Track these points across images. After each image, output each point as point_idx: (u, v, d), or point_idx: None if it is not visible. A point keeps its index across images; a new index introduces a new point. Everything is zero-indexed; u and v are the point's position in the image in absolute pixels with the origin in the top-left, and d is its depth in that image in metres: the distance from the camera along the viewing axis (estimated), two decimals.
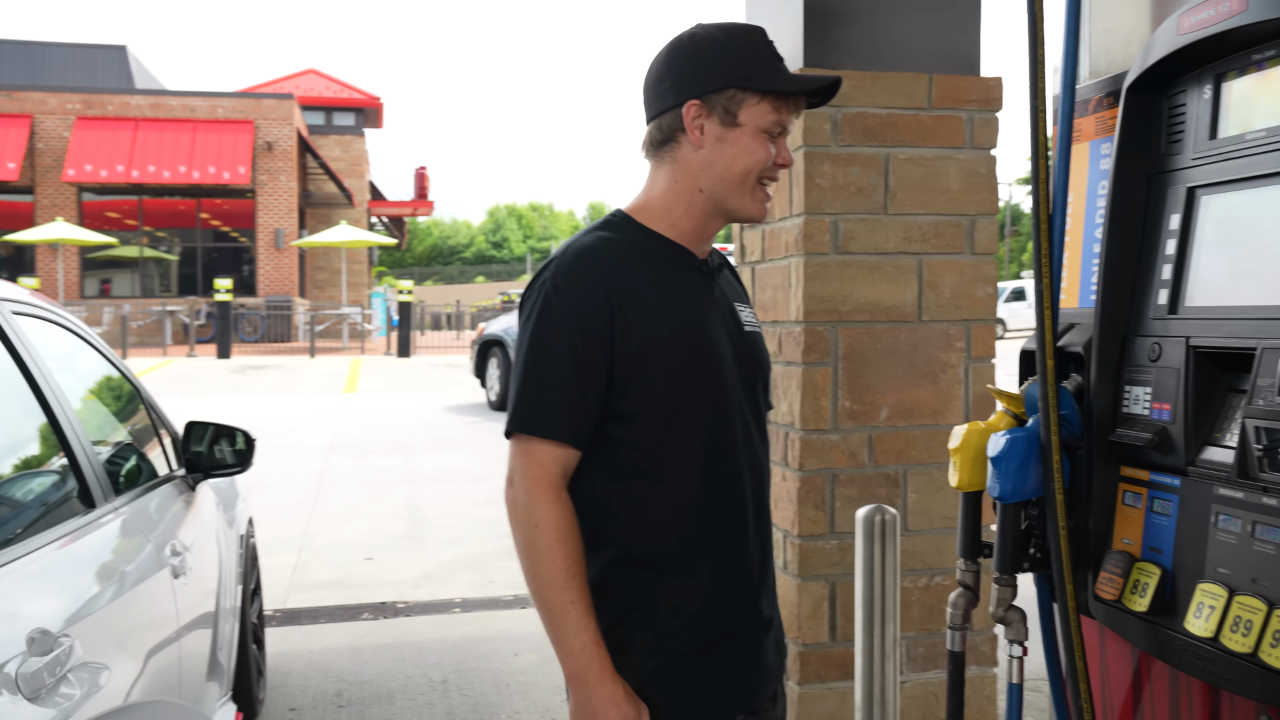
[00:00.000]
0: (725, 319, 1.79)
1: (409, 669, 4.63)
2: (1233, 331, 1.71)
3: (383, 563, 6.58)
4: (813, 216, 3.56)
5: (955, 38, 3.73)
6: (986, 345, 3.73)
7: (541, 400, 1.66)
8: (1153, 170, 1.93)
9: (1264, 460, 1.62)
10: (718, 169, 1.73)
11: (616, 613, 1.70)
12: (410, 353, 23.09)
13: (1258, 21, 1.65)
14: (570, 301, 1.67)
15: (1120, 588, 1.85)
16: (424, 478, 9.33)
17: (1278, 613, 1.55)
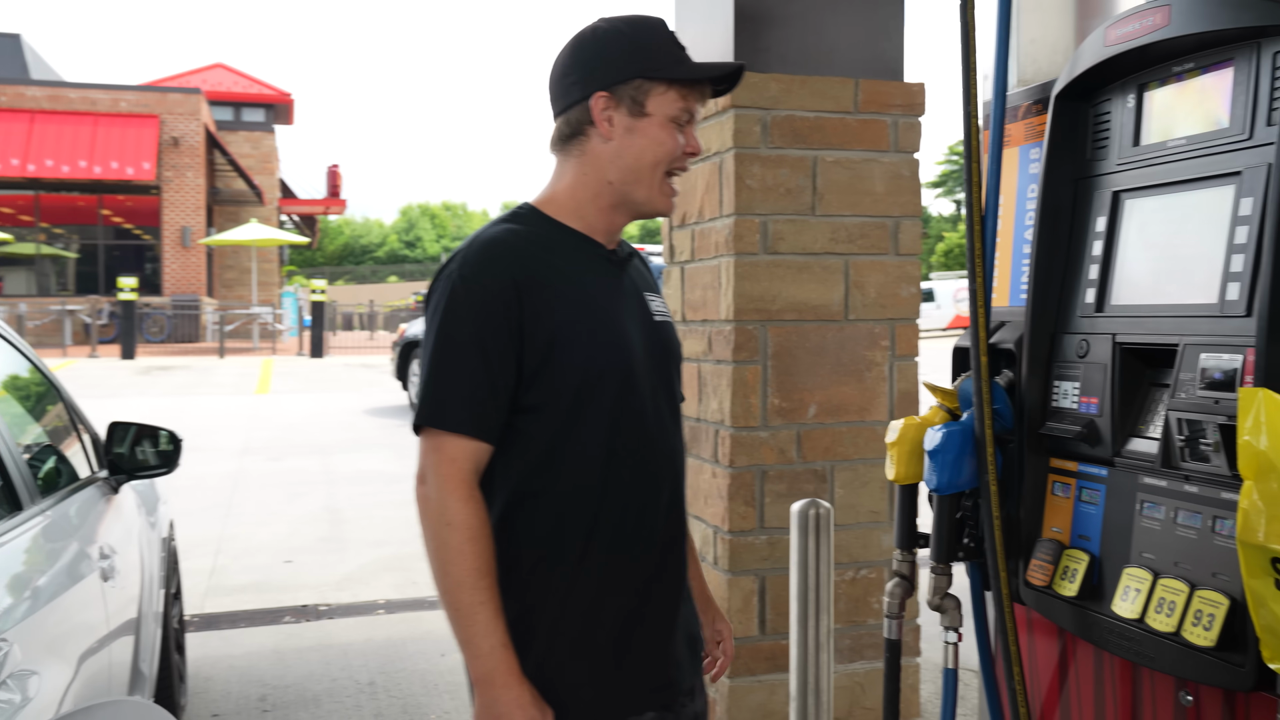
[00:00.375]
0: (635, 309, 1.79)
1: (334, 671, 4.58)
2: (1156, 329, 1.80)
3: (303, 565, 6.48)
4: (743, 217, 3.62)
5: (880, 44, 3.83)
6: (910, 344, 3.83)
7: (450, 394, 1.65)
8: (1080, 175, 2.02)
9: (1185, 450, 1.70)
10: (627, 160, 1.73)
11: (520, 608, 1.67)
12: (324, 353, 22.71)
13: (1178, 36, 1.74)
14: (477, 293, 1.66)
15: (1050, 574, 1.93)
16: (342, 479, 9.21)
17: (1199, 594, 1.63)
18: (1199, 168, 1.76)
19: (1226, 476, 1.63)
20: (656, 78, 1.72)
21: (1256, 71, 1.67)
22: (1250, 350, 1.60)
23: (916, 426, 2.13)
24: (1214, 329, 1.68)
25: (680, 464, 1.84)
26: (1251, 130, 1.67)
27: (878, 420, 3.78)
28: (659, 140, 1.73)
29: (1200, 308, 1.72)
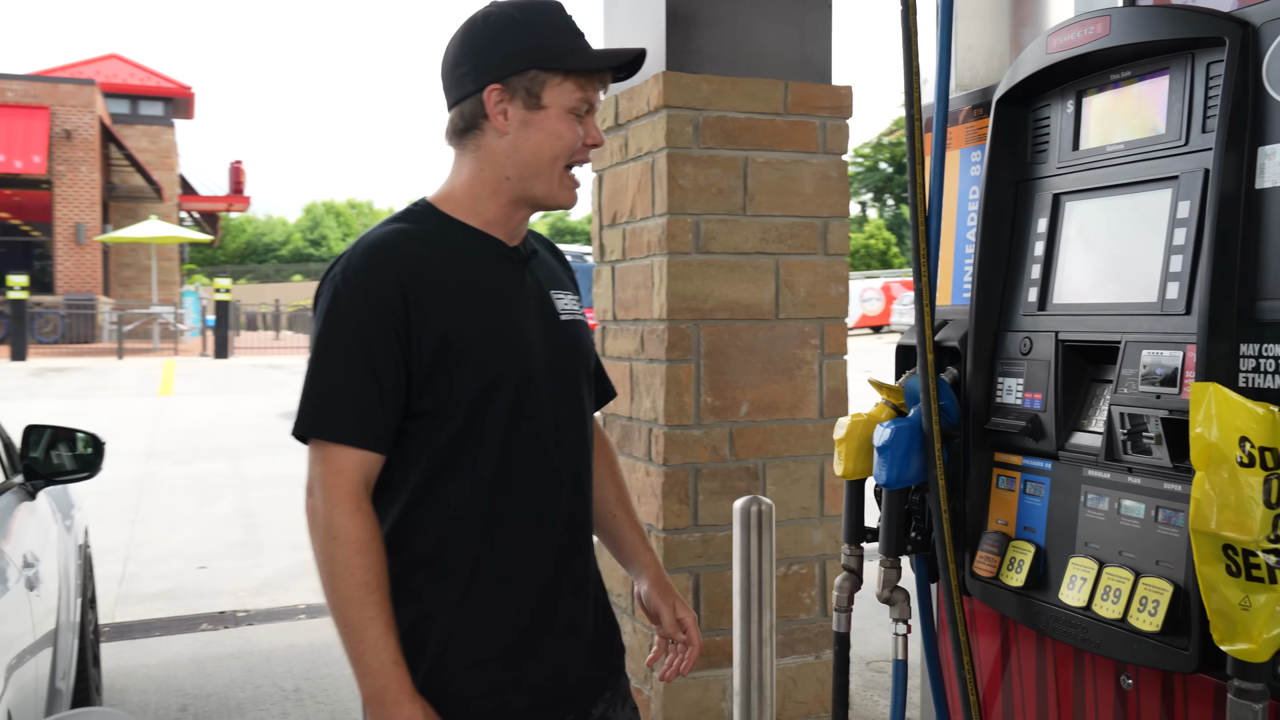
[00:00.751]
0: (537, 309, 1.73)
1: (257, 679, 4.48)
2: (1098, 327, 1.87)
3: (218, 571, 6.32)
4: (675, 217, 3.65)
5: (808, 47, 3.89)
6: (839, 342, 3.90)
7: (335, 402, 1.58)
8: (1020, 178, 2.08)
9: (1128, 443, 1.77)
10: (524, 154, 1.66)
11: (413, 619, 1.62)
12: (229, 354, 22.16)
13: (1118, 45, 1.81)
14: (360, 296, 1.59)
15: (997, 565, 1.98)
16: (255, 482, 9.01)
17: (1143, 581, 1.70)
18: (1137, 172, 1.83)
19: (1168, 468, 1.70)
20: (552, 68, 1.64)
21: (1191, 81, 1.74)
22: (1190, 347, 1.67)
23: (864, 423, 2.18)
24: (1154, 327, 1.75)
25: (584, 468, 1.77)
26: (1187, 137, 1.74)
27: (808, 418, 3.84)
28: (556, 134, 1.66)
29: (1141, 306, 1.79)
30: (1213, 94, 1.71)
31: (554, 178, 1.68)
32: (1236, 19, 1.63)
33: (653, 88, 3.67)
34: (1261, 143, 1.60)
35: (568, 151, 1.67)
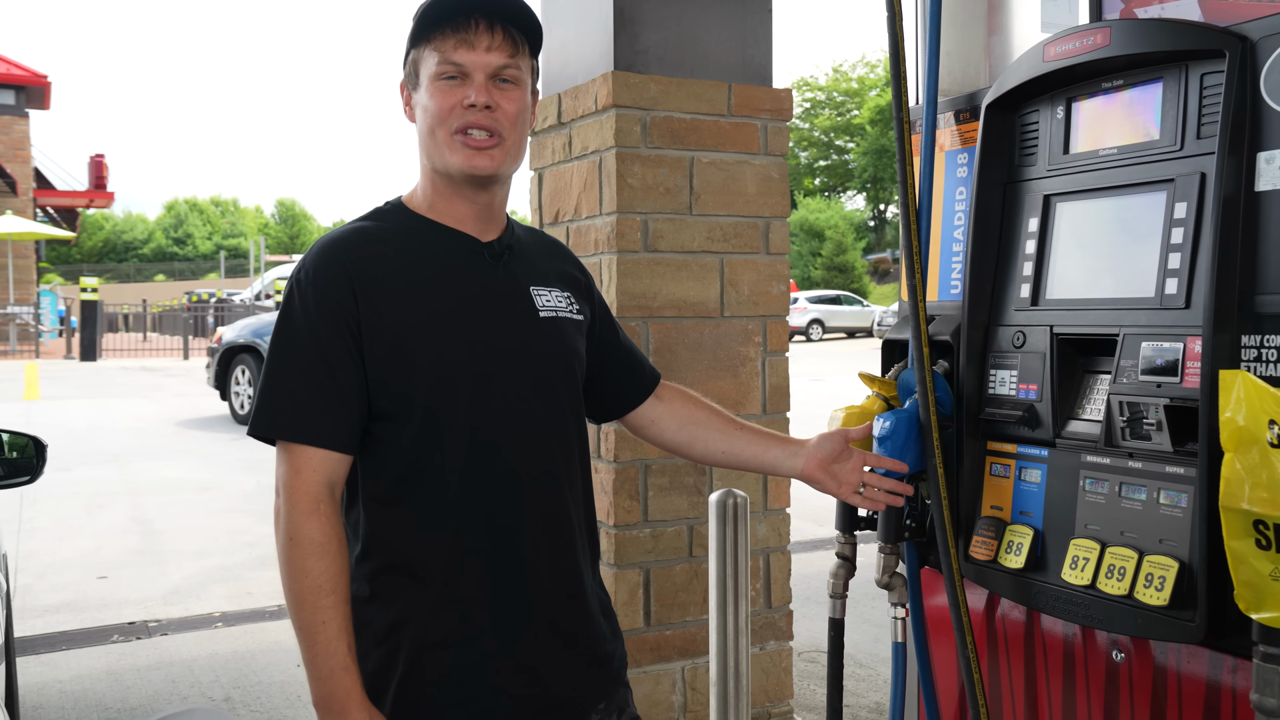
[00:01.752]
0: (511, 305, 1.68)
1: (183, 689, 4.33)
2: (1094, 320, 1.98)
3: (120, 580, 6.07)
4: (624, 215, 3.68)
5: (750, 50, 3.97)
6: (781, 339, 3.99)
7: (291, 402, 1.57)
8: (1008, 179, 2.18)
9: (1126, 430, 1.88)
10: (419, 135, 1.66)
11: (383, 626, 1.60)
12: (97, 356, 21.19)
13: (1116, 55, 1.92)
14: (312, 296, 1.58)
15: (995, 549, 2.08)
16: (146, 489, 8.66)
17: (1148, 559, 1.81)
18: (1131, 175, 1.94)
19: (1169, 452, 1.82)
20: (417, 44, 1.65)
21: (1185, 90, 1.86)
22: (1191, 338, 1.79)
23: (858, 415, 2.25)
24: (1153, 320, 1.86)
25: (558, 469, 1.70)
26: (1182, 142, 1.86)
27: (751, 414, 3.91)
28: (424, 105, 1.64)
29: (1138, 301, 1.90)
30: (1207, 102, 1.83)
31: (441, 148, 1.63)
32: (1236, 33, 1.76)
33: (601, 87, 3.70)
34: (1260, 148, 1.72)
35: (441, 117, 1.62)
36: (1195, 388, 1.76)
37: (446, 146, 1.63)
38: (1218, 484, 1.67)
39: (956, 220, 2.29)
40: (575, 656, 1.70)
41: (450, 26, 1.61)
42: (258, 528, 7.25)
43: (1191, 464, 1.77)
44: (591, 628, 1.74)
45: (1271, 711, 1.54)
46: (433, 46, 1.62)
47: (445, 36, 1.61)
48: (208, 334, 29.90)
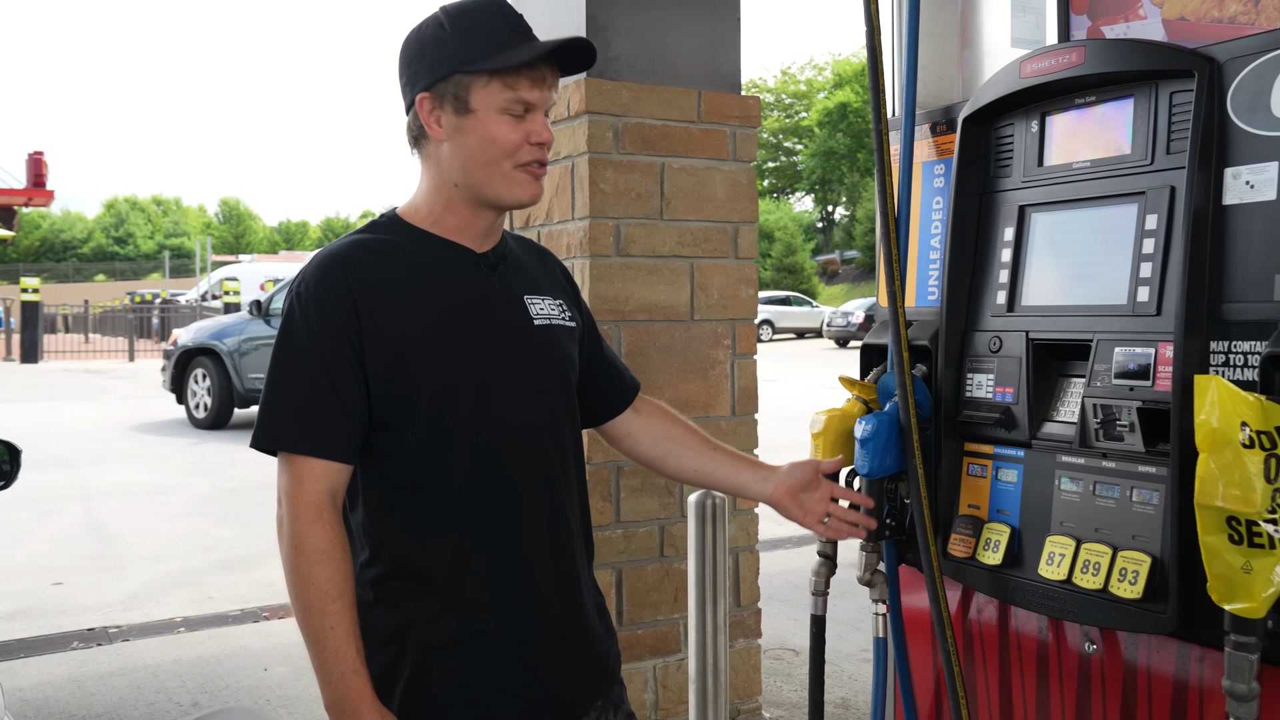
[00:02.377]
0: (507, 315, 1.71)
1: (149, 695, 4.30)
2: (1068, 326, 2.06)
3: (76, 586, 5.99)
4: (597, 220, 3.73)
5: (719, 58, 4.04)
6: (749, 342, 4.06)
7: (294, 414, 1.60)
8: (984, 190, 2.27)
9: (1100, 432, 1.97)
10: (463, 160, 1.65)
11: (392, 628, 1.64)
12: (38, 358, 20.77)
13: (1090, 73, 2.01)
14: (313, 309, 1.60)
15: (973, 546, 2.16)
16: (98, 494, 8.53)
17: (1122, 554, 1.90)
18: (1103, 188, 2.03)
19: (1141, 453, 1.91)
20: (474, 70, 1.61)
21: (1155, 107, 1.96)
22: (1162, 344, 1.88)
23: (840, 418, 2.32)
24: (1126, 326, 1.95)
25: (559, 475, 1.74)
26: (1153, 157, 1.96)
27: (721, 415, 3.98)
28: (490, 137, 1.63)
29: (1111, 308, 1.99)
30: (1176, 120, 1.92)
31: (501, 179, 1.65)
32: (1204, 55, 1.85)
33: (574, 93, 3.74)
34: (1227, 164, 1.81)
35: (506, 153, 1.64)
36: (1167, 391, 1.85)
37: (509, 179, 1.65)
38: (1189, 482, 1.76)
39: (933, 229, 2.37)
40: (574, 656, 1.73)
41: (528, 65, 1.62)
42: (216, 532, 7.19)
43: (1163, 464, 1.86)
44: (589, 627, 1.77)
45: (1242, 696, 1.62)
46: (502, 81, 1.62)
47: (519, 74, 1.62)
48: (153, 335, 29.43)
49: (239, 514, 7.71)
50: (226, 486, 8.77)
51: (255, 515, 7.62)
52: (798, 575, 5.98)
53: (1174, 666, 1.92)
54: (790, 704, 4.20)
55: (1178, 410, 1.81)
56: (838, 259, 59.03)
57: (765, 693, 4.30)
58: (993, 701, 2.26)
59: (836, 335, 31.97)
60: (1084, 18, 2.47)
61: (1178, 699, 1.91)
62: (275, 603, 5.59)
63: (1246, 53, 1.80)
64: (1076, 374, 2.08)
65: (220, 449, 10.81)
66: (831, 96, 62.82)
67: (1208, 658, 1.85)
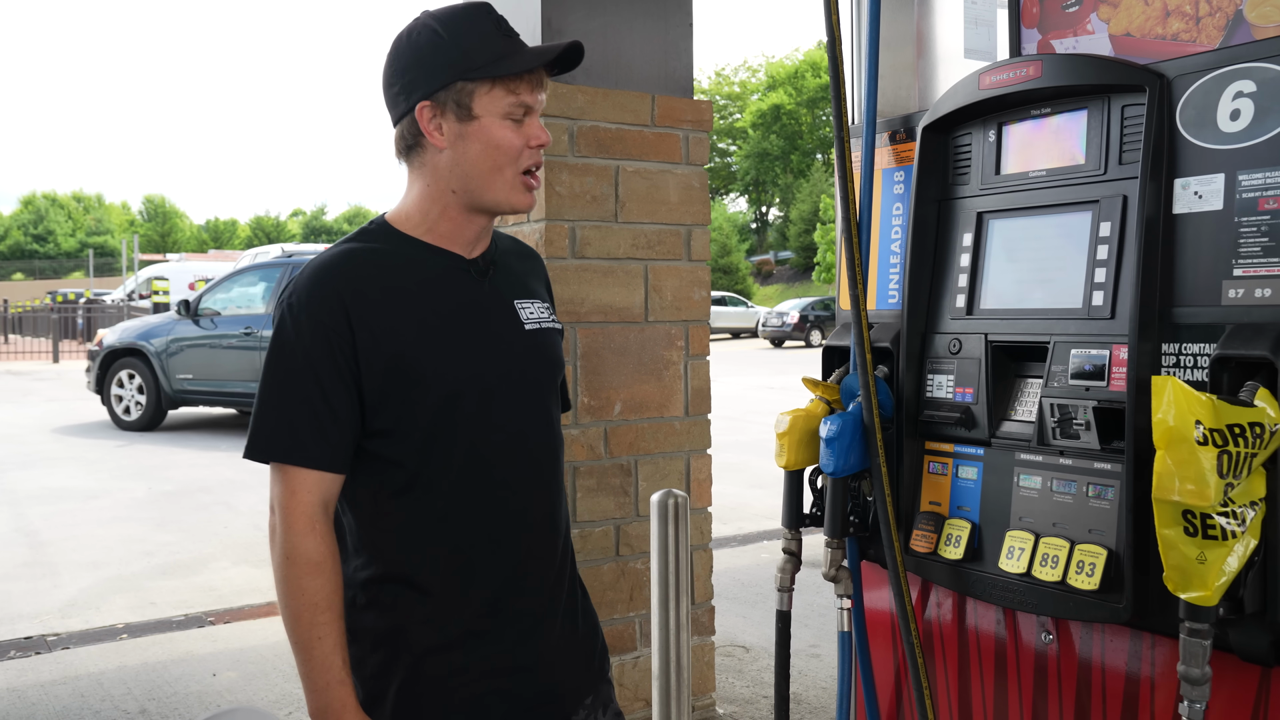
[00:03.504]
0: (499, 320, 1.72)
1: (93, 703, 4.23)
2: (1025, 329, 2.15)
3: (10, 594, 5.85)
4: (553, 222, 3.76)
5: (671, 62, 4.09)
6: (702, 344, 4.12)
7: (286, 426, 1.60)
8: (942, 196, 2.34)
9: (1057, 430, 2.05)
10: (465, 167, 1.64)
11: (382, 632, 1.66)
12: None
13: (1045, 86, 2.09)
14: (304, 320, 1.60)
15: (935, 542, 2.23)
16: (28, 498, 8.32)
17: (1079, 548, 1.98)
18: (1059, 196, 2.12)
19: (1097, 450, 1.99)
20: (477, 77, 1.62)
21: (1108, 119, 2.04)
22: (1116, 346, 1.96)
23: (804, 418, 2.38)
24: (1081, 329, 2.03)
25: (551, 478, 1.77)
26: (1106, 167, 2.04)
27: (675, 416, 4.03)
28: (494, 142, 1.63)
29: (1066, 311, 2.07)
30: (1128, 131, 2.01)
31: (503, 185, 1.65)
32: (1154, 71, 1.94)
33: None
34: (1176, 175, 1.91)
35: (509, 158, 1.64)
36: (1121, 391, 1.94)
37: (511, 186, 1.66)
38: (1144, 478, 1.85)
39: (893, 234, 2.44)
40: (565, 654, 1.76)
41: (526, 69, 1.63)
42: (155, 536, 7.06)
43: (1118, 461, 1.95)
44: (577, 627, 1.81)
45: (1195, 680, 1.71)
46: (506, 86, 1.62)
47: (519, 79, 1.63)
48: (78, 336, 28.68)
49: (177, 518, 7.58)
50: (163, 490, 8.61)
51: (194, 519, 7.50)
52: (743, 573, 6.06)
53: (1126, 655, 2.01)
54: (743, 699, 4.26)
55: (1132, 409, 1.89)
56: (772, 259, 59.58)
57: (718, 689, 4.36)
58: (952, 695, 2.34)
59: (772, 335, 32.30)
60: (1034, 31, 2.56)
61: (1130, 687, 2.00)
62: (220, 607, 5.53)
63: (1194, 70, 1.89)
64: (1034, 375, 2.16)
65: (154, 451, 10.61)
66: (765, 98, 63.40)
67: (1159, 645, 1.94)
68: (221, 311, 11.79)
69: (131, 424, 12.10)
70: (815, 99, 61.52)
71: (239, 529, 7.18)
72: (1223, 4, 2.18)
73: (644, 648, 3.96)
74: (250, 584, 5.95)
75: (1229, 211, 1.82)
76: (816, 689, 4.28)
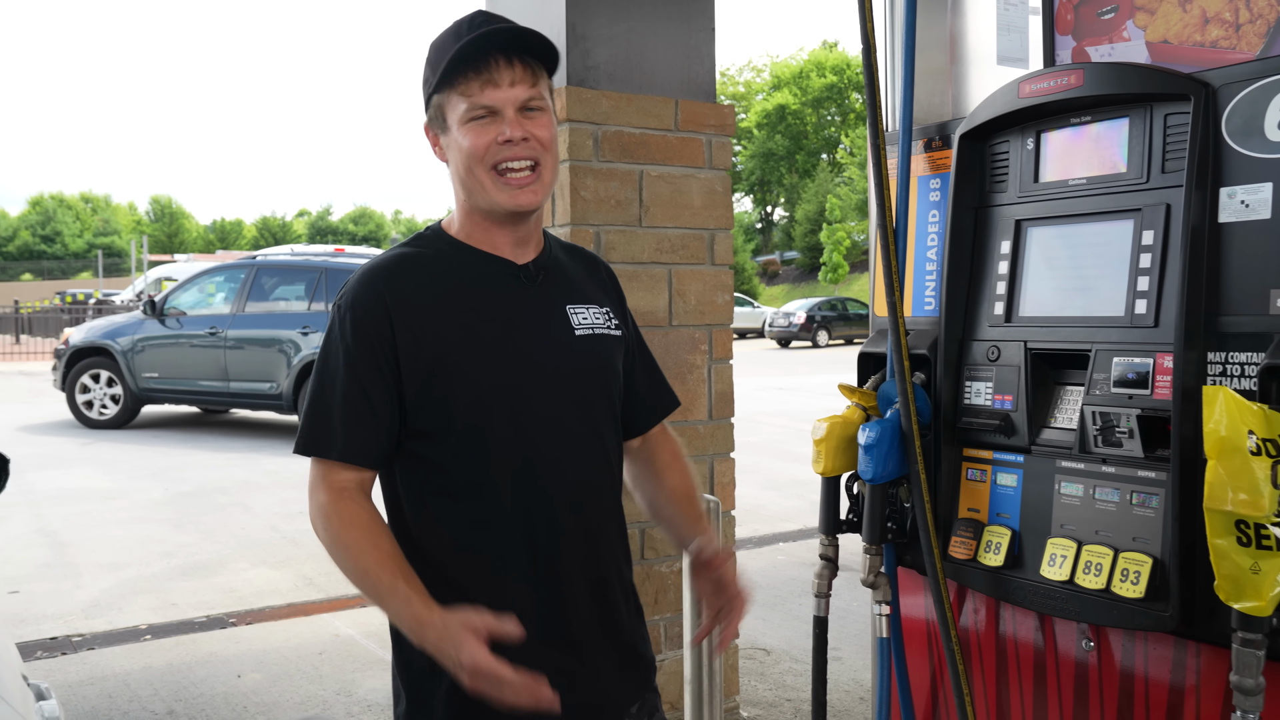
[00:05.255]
0: (549, 325, 1.73)
1: (122, 704, 4.25)
2: (1066, 337, 2.15)
3: (34, 595, 5.87)
4: (578, 227, 3.76)
5: (694, 67, 4.10)
6: (725, 347, 4.12)
7: (328, 423, 1.66)
8: (979, 204, 2.35)
9: (1099, 438, 2.06)
10: (457, 177, 1.70)
11: None
12: None
13: (1087, 94, 2.09)
14: (349, 322, 1.66)
15: (974, 549, 2.24)
16: (46, 499, 8.35)
17: (1123, 556, 1.99)
18: (1099, 204, 2.13)
19: (1141, 458, 2.00)
20: (441, 89, 1.67)
21: (1150, 128, 2.05)
22: (1160, 354, 1.97)
23: (841, 424, 2.39)
24: (1124, 337, 2.04)
25: (598, 483, 1.76)
26: (1148, 175, 2.05)
27: (699, 419, 4.04)
28: (460, 147, 1.66)
29: (1108, 319, 2.08)
30: (1171, 140, 2.02)
31: (484, 185, 1.67)
32: (1199, 79, 1.94)
33: (556, 101, 3.77)
34: (1222, 184, 1.91)
35: (477, 157, 1.65)
36: (1166, 399, 1.94)
37: (488, 185, 1.66)
38: (1190, 487, 1.86)
39: (929, 241, 2.45)
40: (611, 661, 1.76)
41: (471, 69, 1.63)
42: (173, 537, 7.08)
43: (1163, 469, 1.96)
44: (624, 634, 1.81)
45: (1249, 690, 1.72)
46: (458, 92, 1.64)
47: (468, 80, 1.63)
48: None
49: (194, 519, 7.60)
50: (179, 491, 8.63)
51: (211, 520, 7.52)
52: (760, 575, 6.07)
53: (1171, 663, 2.02)
54: (766, 703, 4.27)
55: (1178, 418, 1.90)
56: (778, 260, 59.55)
57: (741, 692, 4.37)
58: (990, 700, 2.35)
59: (778, 335, 32.27)
60: (1068, 38, 2.57)
61: (1174, 695, 2.00)
62: (241, 608, 5.55)
63: (1241, 79, 1.90)
64: (1074, 382, 2.17)
65: (168, 452, 10.65)
66: (770, 98, 63.35)
67: (1204, 654, 1.95)
68: (187, 311, 11.95)
69: (101, 423, 12.16)
70: (820, 99, 61.48)
71: (256, 530, 7.19)
72: (1264, 11, 2.18)
73: (669, 650, 3.97)
74: (269, 585, 5.97)
75: (1278, 220, 1.83)
76: (839, 692, 4.28)
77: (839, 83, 60.90)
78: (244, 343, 11.44)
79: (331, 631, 5.12)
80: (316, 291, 11.42)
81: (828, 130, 62.51)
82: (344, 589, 5.67)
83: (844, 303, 33.86)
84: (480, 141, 1.64)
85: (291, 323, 11.36)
